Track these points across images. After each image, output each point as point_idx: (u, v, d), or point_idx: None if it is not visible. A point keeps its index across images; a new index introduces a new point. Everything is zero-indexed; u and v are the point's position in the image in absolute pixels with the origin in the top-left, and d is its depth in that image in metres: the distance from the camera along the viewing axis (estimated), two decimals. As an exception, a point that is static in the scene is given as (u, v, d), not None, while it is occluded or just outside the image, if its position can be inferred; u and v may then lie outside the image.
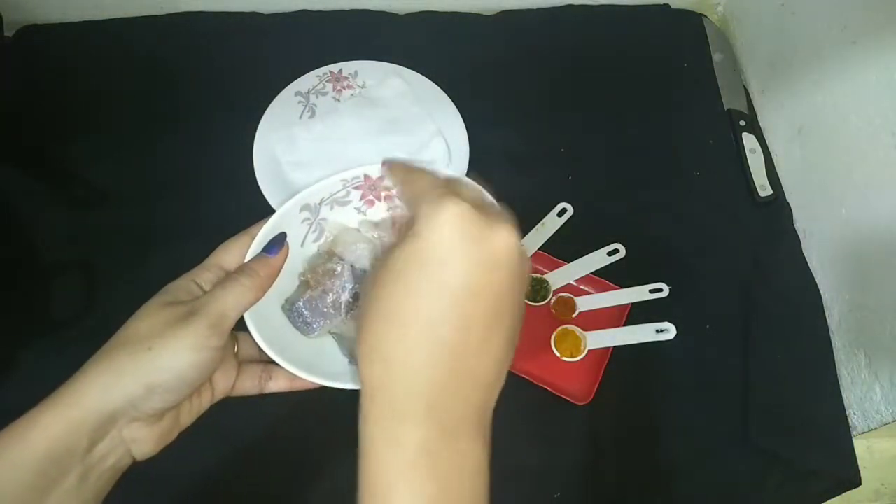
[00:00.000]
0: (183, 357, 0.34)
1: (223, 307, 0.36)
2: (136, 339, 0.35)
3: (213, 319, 0.35)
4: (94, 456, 0.33)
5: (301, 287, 0.46)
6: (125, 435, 0.35)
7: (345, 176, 0.46)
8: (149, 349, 0.34)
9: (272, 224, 0.43)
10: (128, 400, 0.34)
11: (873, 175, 0.66)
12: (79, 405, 0.33)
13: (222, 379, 0.40)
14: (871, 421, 0.66)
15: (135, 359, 0.34)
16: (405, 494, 0.28)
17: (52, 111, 0.79)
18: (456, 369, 0.29)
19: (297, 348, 0.43)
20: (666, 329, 0.68)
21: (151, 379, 0.34)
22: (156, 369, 0.34)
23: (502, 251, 0.30)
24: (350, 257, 0.46)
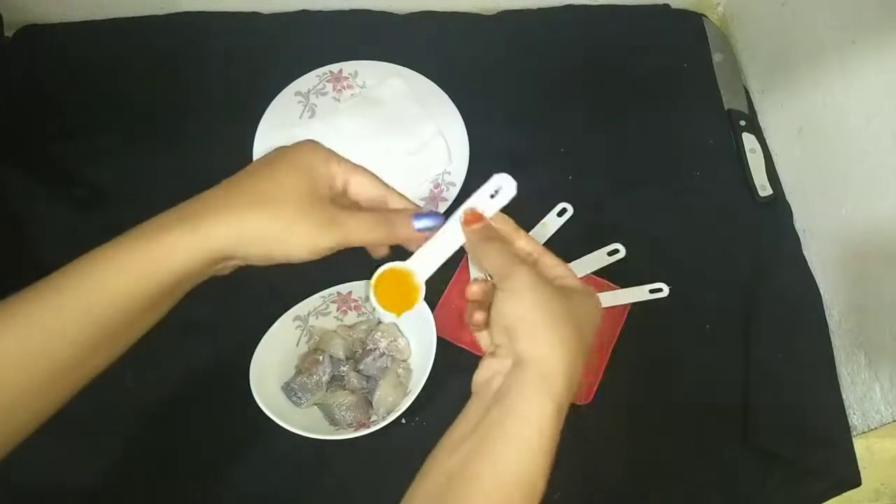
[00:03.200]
0: (303, 254, 0.39)
1: (354, 237, 0.40)
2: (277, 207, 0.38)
3: (342, 240, 0.40)
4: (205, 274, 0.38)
5: (295, 373, 0.63)
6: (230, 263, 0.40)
7: (323, 294, 0.64)
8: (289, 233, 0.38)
9: (274, 328, 0.62)
10: (249, 256, 0.38)
11: (873, 175, 0.66)
12: (213, 244, 0.36)
13: None
14: (871, 421, 0.66)
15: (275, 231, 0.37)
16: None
17: (52, 111, 0.79)
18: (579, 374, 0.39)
19: (293, 415, 0.60)
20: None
21: (274, 254, 0.38)
22: (282, 250, 0.38)
23: None
24: (330, 350, 0.64)
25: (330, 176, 0.41)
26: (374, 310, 0.67)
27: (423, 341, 0.63)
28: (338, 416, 0.61)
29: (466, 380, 0.66)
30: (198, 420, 0.64)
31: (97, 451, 0.61)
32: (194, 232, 0.36)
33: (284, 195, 0.38)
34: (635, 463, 0.65)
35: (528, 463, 0.36)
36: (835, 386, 0.70)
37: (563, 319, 0.39)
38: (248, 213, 0.37)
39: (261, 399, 0.58)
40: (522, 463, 0.36)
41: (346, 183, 0.42)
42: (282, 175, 0.39)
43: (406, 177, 0.76)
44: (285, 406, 0.61)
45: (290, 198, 0.38)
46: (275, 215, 0.38)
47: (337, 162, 0.42)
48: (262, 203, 0.38)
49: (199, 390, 0.65)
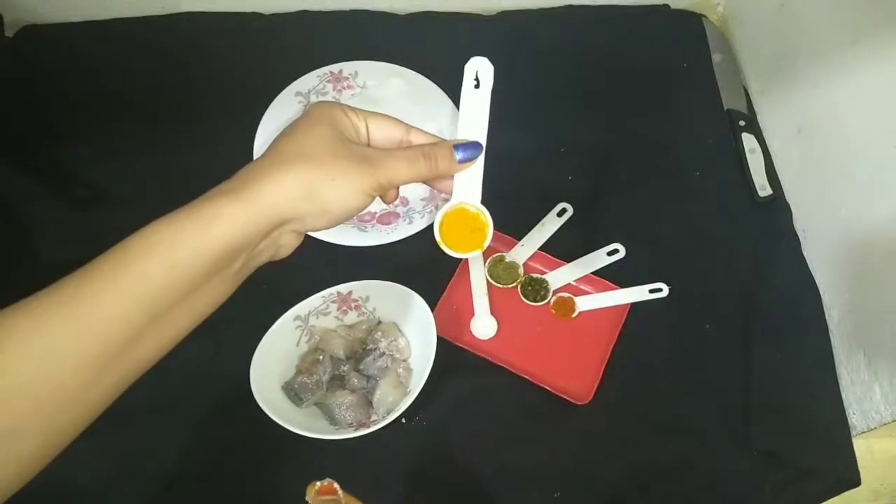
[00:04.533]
0: (356, 198, 0.39)
1: (396, 175, 0.40)
2: (315, 158, 0.38)
3: (385, 180, 0.40)
4: (256, 250, 0.38)
5: (295, 373, 0.63)
6: (282, 239, 0.39)
7: (323, 294, 0.64)
8: (332, 179, 0.38)
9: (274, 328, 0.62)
10: (302, 215, 0.38)
11: (873, 175, 0.66)
12: (261, 208, 0.36)
13: None
14: (871, 421, 0.66)
15: (319, 181, 0.37)
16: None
17: (52, 111, 0.79)
18: None
19: (293, 415, 0.60)
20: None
21: (328, 206, 0.38)
22: (333, 199, 0.38)
23: None
24: (330, 349, 0.64)
25: (351, 125, 0.41)
26: (375, 313, 0.67)
27: (423, 341, 0.63)
28: (338, 416, 0.61)
29: (466, 380, 0.66)
30: (198, 420, 0.64)
31: (97, 451, 0.61)
32: (241, 200, 0.36)
33: (317, 146, 0.38)
34: (635, 463, 0.65)
35: None
36: (835, 386, 0.70)
37: None
38: (286, 171, 0.37)
39: (261, 399, 0.58)
40: None
41: (368, 128, 0.42)
42: (309, 131, 0.39)
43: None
44: (285, 406, 0.61)
45: (322, 148, 0.38)
46: (312, 166, 0.38)
47: (353, 111, 0.42)
48: (296, 159, 0.38)
49: (199, 390, 0.65)
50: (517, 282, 0.71)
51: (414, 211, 0.74)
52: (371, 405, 0.62)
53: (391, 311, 0.66)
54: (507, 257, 0.73)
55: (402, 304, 0.65)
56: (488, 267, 0.72)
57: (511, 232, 0.74)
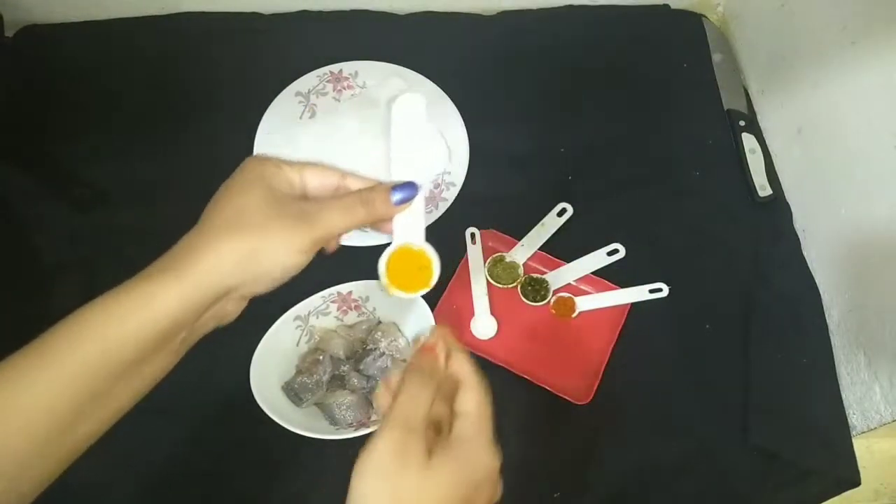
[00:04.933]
0: (294, 259, 0.38)
1: (333, 227, 0.39)
2: (249, 224, 0.37)
3: (322, 235, 0.38)
4: (200, 322, 0.37)
5: (295, 373, 0.63)
6: (227, 307, 0.39)
7: (323, 294, 0.64)
8: (268, 244, 0.37)
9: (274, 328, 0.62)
10: (244, 282, 0.37)
11: (873, 175, 0.66)
12: (198, 284, 0.36)
13: None
14: (871, 421, 0.66)
15: (255, 248, 0.36)
16: None
17: (52, 111, 0.79)
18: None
19: (293, 415, 0.60)
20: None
21: (266, 270, 0.37)
22: (272, 263, 0.37)
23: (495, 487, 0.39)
24: (330, 350, 0.64)
25: (285, 179, 0.40)
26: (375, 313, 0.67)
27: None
28: (338, 415, 0.61)
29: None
30: (198, 420, 0.63)
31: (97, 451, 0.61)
32: (177, 278, 0.35)
33: (251, 210, 0.37)
34: (635, 463, 0.65)
35: None
36: (835, 386, 0.70)
37: None
38: (220, 242, 0.36)
39: (261, 399, 0.58)
40: None
41: (303, 180, 0.41)
42: (243, 195, 0.38)
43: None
44: (285, 406, 0.61)
45: (256, 211, 0.37)
46: (246, 234, 0.37)
47: (286, 164, 0.40)
48: (230, 228, 0.37)
49: (199, 390, 0.64)
50: (517, 282, 0.71)
51: (414, 211, 0.74)
52: (371, 405, 0.62)
53: (391, 311, 0.66)
54: (507, 257, 0.73)
55: (402, 304, 0.65)
56: (488, 267, 0.72)
57: (511, 232, 0.74)
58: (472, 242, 0.73)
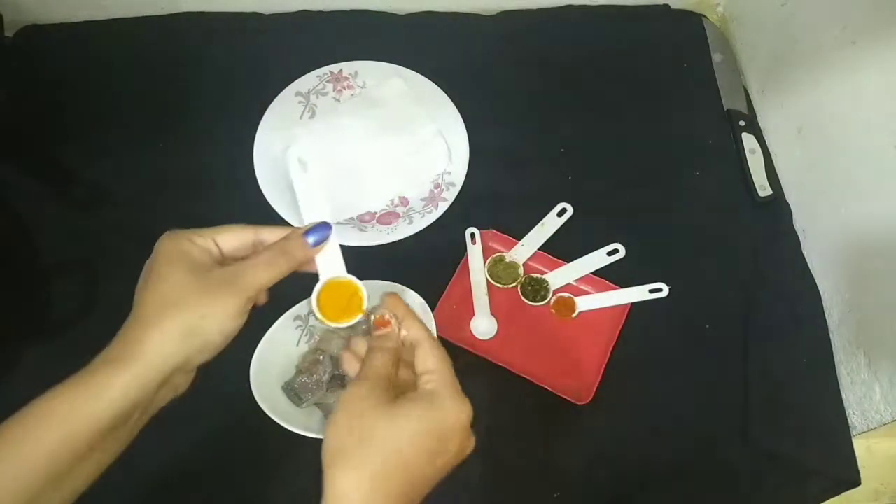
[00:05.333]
0: (230, 323, 0.40)
1: (259, 282, 0.41)
2: (180, 302, 0.39)
3: (252, 294, 0.41)
4: (152, 401, 0.40)
5: (295, 373, 0.62)
6: (176, 380, 0.41)
7: None
8: (203, 316, 0.39)
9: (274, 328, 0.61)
10: (186, 359, 0.39)
11: (873, 175, 0.66)
12: (149, 366, 0.38)
13: None
14: (871, 421, 0.66)
15: (192, 324, 0.39)
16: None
17: (52, 111, 0.79)
18: None
19: (293, 415, 0.59)
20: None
21: (208, 340, 0.40)
22: (211, 332, 0.39)
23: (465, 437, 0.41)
24: (330, 349, 0.63)
25: (202, 249, 0.42)
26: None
27: None
28: None
29: (466, 380, 0.66)
30: (198, 420, 0.63)
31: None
32: (125, 366, 0.37)
33: (178, 291, 0.39)
34: (635, 463, 0.65)
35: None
36: (835, 386, 0.70)
37: (374, 444, 0.38)
38: (158, 326, 0.38)
39: (261, 399, 0.58)
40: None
41: (219, 246, 0.43)
42: (166, 278, 0.40)
43: (406, 177, 0.77)
44: (285, 406, 0.61)
45: (183, 290, 0.39)
46: (180, 312, 0.38)
47: (198, 234, 0.42)
48: (163, 311, 0.39)
49: (198, 390, 0.64)
50: (517, 282, 0.71)
51: (414, 211, 0.74)
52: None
53: None
54: (507, 257, 0.73)
55: None
56: (488, 267, 0.72)
57: (511, 232, 0.74)
58: (472, 242, 0.73)
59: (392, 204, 0.76)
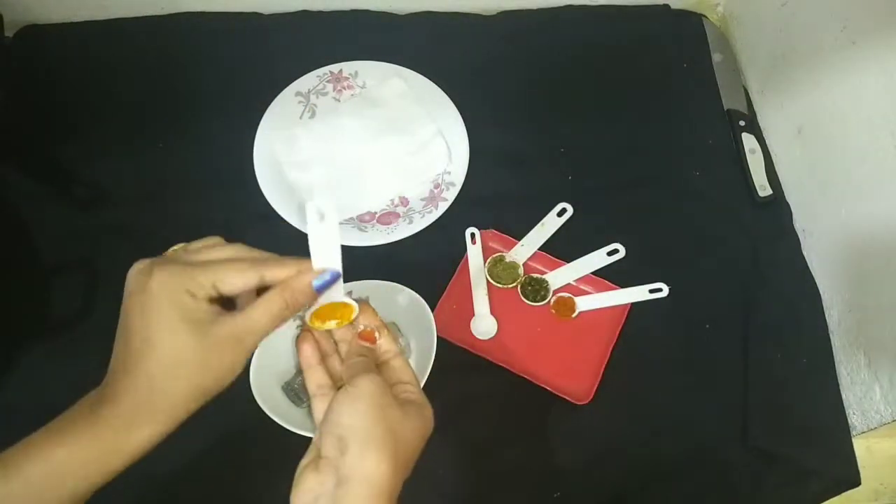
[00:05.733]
0: (235, 374, 0.39)
1: (263, 331, 0.39)
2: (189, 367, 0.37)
3: (256, 341, 0.39)
4: None
5: (295, 373, 0.62)
6: None
7: None
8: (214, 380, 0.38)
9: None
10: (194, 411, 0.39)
11: (873, 175, 0.66)
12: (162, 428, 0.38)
13: None
14: (871, 421, 0.66)
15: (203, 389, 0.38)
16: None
17: (52, 111, 0.79)
18: None
19: (293, 415, 0.60)
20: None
21: (213, 394, 0.39)
22: (217, 389, 0.39)
23: None
24: None
25: (199, 299, 0.38)
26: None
27: (423, 341, 0.63)
28: None
29: (466, 380, 0.66)
30: (198, 420, 0.63)
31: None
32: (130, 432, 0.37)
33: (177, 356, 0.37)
34: (635, 463, 0.65)
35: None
36: (835, 386, 0.70)
37: (396, 436, 0.39)
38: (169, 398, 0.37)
39: (261, 399, 0.58)
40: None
41: (216, 285, 0.38)
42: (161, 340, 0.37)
43: (406, 177, 0.77)
44: (285, 406, 0.61)
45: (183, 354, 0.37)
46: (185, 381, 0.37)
47: (194, 277, 0.38)
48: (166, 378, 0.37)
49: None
50: (517, 282, 0.71)
51: (414, 211, 0.74)
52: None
53: (391, 311, 0.66)
54: (507, 257, 0.73)
55: (401, 304, 0.65)
56: (488, 267, 0.72)
57: (511, 232, 0.74)
58: (472, 242, 0.73)
59: (392, 204, 0.76)
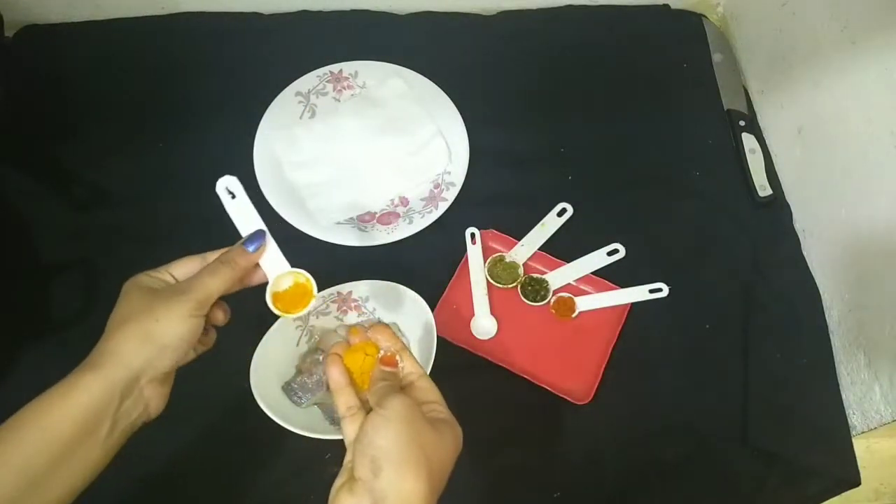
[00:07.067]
0: (183, 325, 0.44)
1: (207, 288, 0.45)
2: (137, 313, 0.43)
3: (201, 297, 0.45)
4: (121, 411, 0.42)
5: (295, 373, 0.63)
6: (145, 393, 0.43)
7: (323, 293, 0.64)
8: (157, 320, 0.43)
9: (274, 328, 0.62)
10: (148, 360, 0.42)
11: (873, 175, 0.66)
12: (112, 367, 0.41)
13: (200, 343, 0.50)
14: (871, 421, 0.66)
15: (148, 328, 0.43)
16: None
17: (52, 111, 0.79)
18: None
19: (293, 415, 0.60)
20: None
21: (163, 341, 0.43)
22: (165, 333, 0.43)
23: None
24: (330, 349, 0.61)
25: (156, 279, 0.46)
26: (375, 313, 0.67)
27: (423, 341, 0.63)
28: (338, 415, 0.61)
29: (466, 380, 0.66)
30: (198, 420, 0.64)
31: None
32: (92, 368, 0.41)
33: (136, 306, 0.44)
34: (635, 463, 0.65)
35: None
36: (835, 386, 0.70)
37: (430, 455, 0.40)
38: (118, 333, 0.42)
39: (261, 399, 0.58)
40: None
41: (172, 274, 0.47)
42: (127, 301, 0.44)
43: (406, 177, 0.77)
44: (285, 406, 0.61)
45: (140, 304, 0.44)
46: (136, 319, 0.43)
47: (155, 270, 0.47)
48: (123, 321, 0.43)
49: (199, 390, 0.64)
50: (517, 282, 0.71)
51: (414, 211, 0.74)
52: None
53: (391, 311, 0.66)
54: (507, 257, 0.73)
55: (402, 305, 0.65)
56: (488, 267, 0.72)
57: (511, 232, 0.74)
58: (472, 242, 0.73)
59: (392, 204, 0.76)
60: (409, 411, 0.41)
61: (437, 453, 0.41)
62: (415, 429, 0.41)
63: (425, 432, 0.41)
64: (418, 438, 0.40)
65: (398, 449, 0.39)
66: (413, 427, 0.41)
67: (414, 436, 0.40)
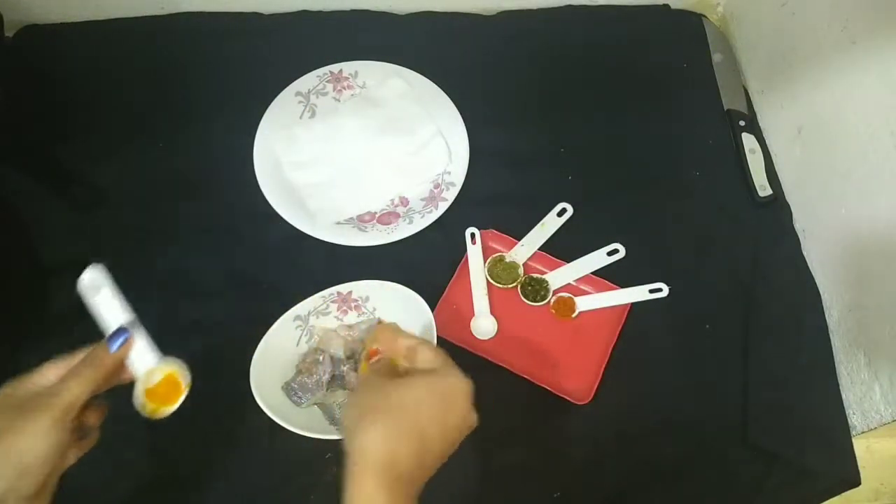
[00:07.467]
0: (45, 441, 0.40)
1: (71, 393, 0.42)
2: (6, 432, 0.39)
3: (64, 405, 0.41)
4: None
5: (295, 373, 0.63)
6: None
7: (323, 294, 0.65)
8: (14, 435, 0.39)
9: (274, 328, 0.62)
10: (9, 485, 0.39)
11: (873, 175, 0.66)
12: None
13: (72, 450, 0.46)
14: (871, 421, 0.66)
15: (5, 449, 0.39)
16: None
17: (52, 111, 0.79)
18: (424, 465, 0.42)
19: (293, 415, 0.60)
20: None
21: (23, 463, 0.39)
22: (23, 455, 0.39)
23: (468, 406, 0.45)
24: (330, 349, 0.64)
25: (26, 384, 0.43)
26: (375, 313, 0.67)
27: None
28: (338, 415, 0.61)
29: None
30: (198, 420, 0.63)
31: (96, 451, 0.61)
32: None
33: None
34: (635, 463, 0.65)
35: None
36: (835, 386, 0.70)
37: (380, 409, 0.42)
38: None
39: (261, 399, 0.58)
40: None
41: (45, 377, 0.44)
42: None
43: (406, 177, 0.77)
44: (285, 406, 0.61)
45: None
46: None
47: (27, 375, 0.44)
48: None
49: (198, 390, 0.64)
50: (517, 282, 0.71)
51: (414, 211, 0.74)
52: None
53: (391, 311, 0.66)
54: (507, 257, 0.73)
55: (402, 304, 0.65)
56: (488, 267, 0.72)
57: (511, 232, 0.74)
58: (472, 242, 0.73)
59: (392, 204, 0.76)
60: (368, 376, 0.45)
61: (395, 396, 0.42)
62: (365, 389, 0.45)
63: (379, 386, 0.43)
64: (363, 401, 0.43)
65: (351, 412, 0.43)
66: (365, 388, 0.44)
67: (364, 395, 0.44)
